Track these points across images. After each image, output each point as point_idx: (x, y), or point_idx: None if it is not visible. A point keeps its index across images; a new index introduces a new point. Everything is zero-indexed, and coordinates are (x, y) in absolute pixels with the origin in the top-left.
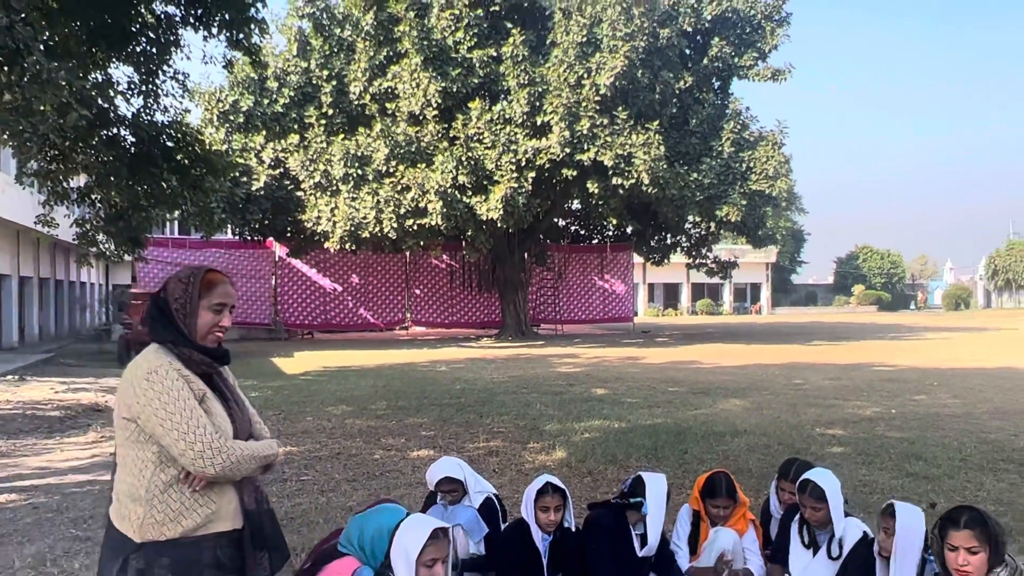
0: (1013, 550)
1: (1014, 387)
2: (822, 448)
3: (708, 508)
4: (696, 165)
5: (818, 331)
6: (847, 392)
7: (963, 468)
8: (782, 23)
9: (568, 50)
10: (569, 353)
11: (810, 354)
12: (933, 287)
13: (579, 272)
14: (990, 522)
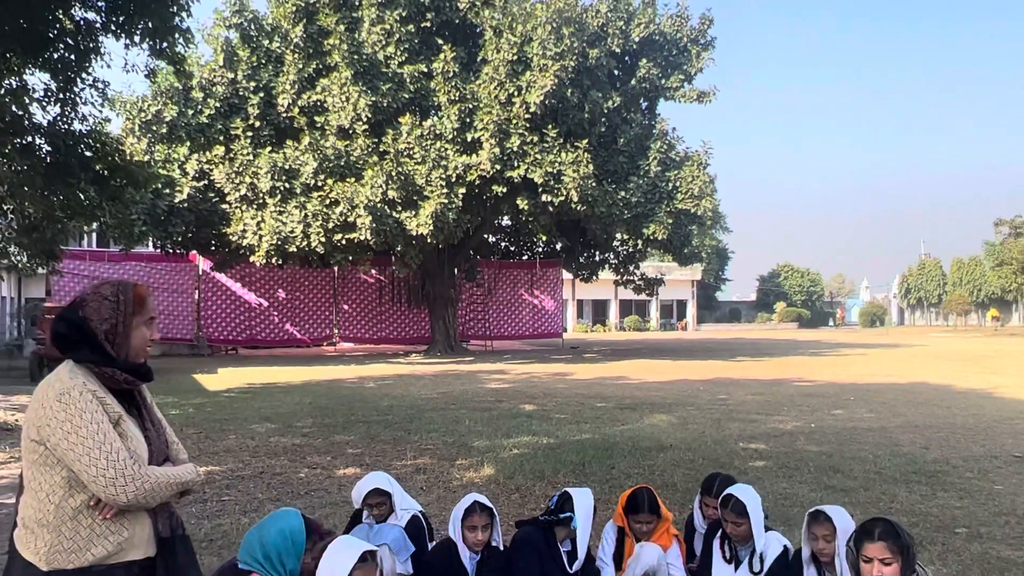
0: (924, 559)
1: (925, 401)
2: (745, 462)
3: (632, 524)
4: (624, 184)
5: (741, 347)
6: (769, 407)
7: (878, 480)
8: (707, 47)
9: (499, 68)
10: (498, 369)
11: (734, 370)
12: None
13: (509, 288)
14: (902, 534)
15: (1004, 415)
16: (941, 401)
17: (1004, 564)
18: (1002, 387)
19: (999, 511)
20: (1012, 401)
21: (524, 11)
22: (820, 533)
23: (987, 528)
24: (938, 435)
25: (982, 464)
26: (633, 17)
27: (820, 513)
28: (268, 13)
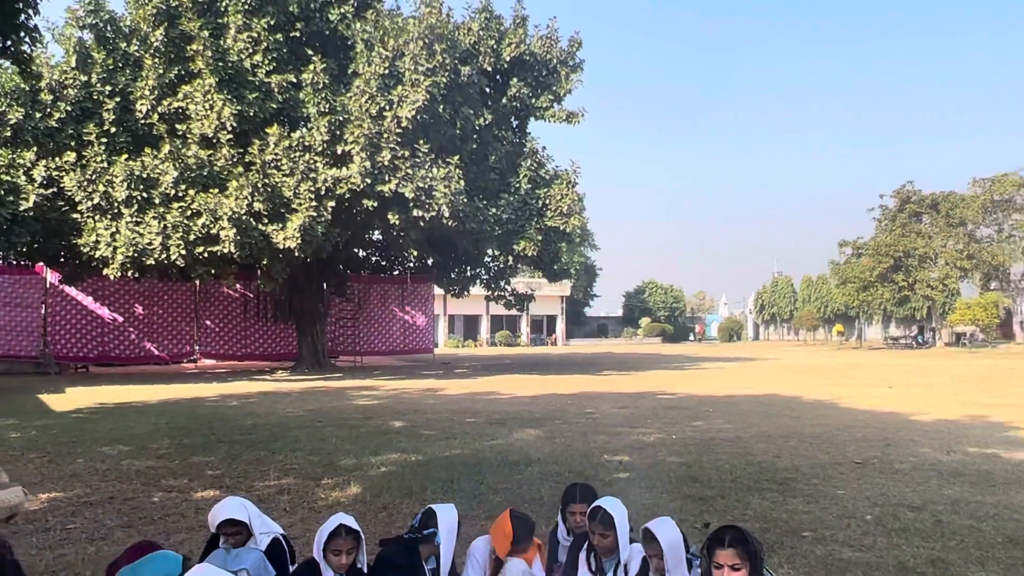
0: (773, 563)
1: (777, 412)
2: (609, 474)
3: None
4: (495, 200)
5: (608, 362)
6: (633, 419)
7: (733, 488)
8: (576, 69)
9: (370, 81)
10: (368, 385)
11: (601, 384)
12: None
13: (379, 303)
14: (751, 540)
15: (847, 424)
16: (791, 412)
17: (846, 565)
18: (845, 398)
19: (842, 514)
20: (854, 411)
21: (396, 25)
22: (649, 551)
23: (831, 531)
24: (788, 444)
25: (827, 471)
26: (504, 37)
27: (646, 531)
28: (126, 14)
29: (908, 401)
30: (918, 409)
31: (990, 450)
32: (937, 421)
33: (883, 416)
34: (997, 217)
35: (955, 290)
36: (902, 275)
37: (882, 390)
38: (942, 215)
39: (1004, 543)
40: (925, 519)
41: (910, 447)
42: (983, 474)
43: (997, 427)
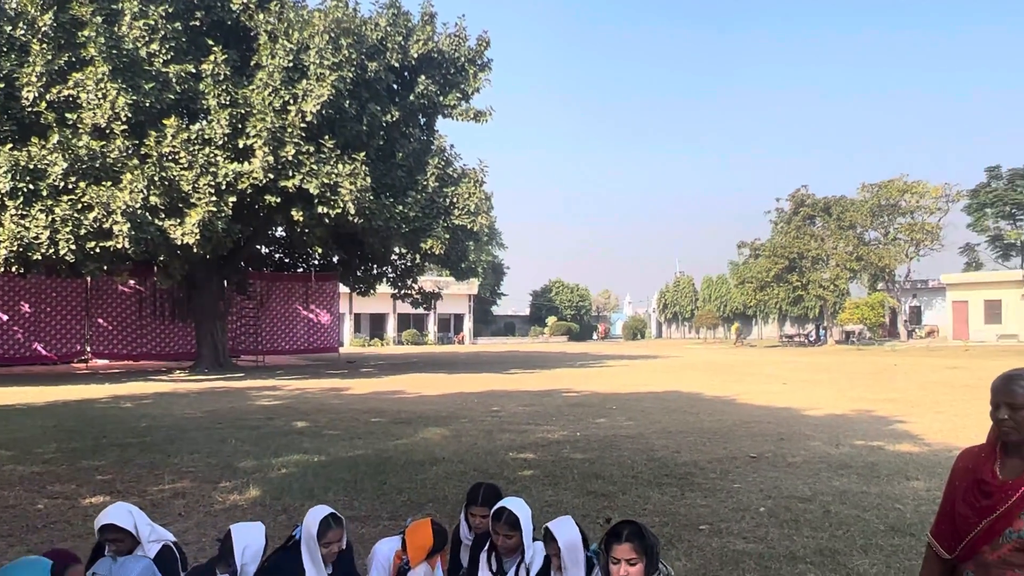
0: (671, 556)
1: (678, 408)
2: (514, 472)
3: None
4: (402, 198)
5: (515, 360)
6: (538, 417)
7: (635, 484)
8: (484, 68)
9: (273, 74)
10: (270, 385)
11: (507, 382)
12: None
13: (283, 301)
14: (647, 534)
15: (743, 419)
16: (691, 408)
17: (739, 556)
18: (743, 394)
19: (737, 507)
20: (750, 407)
21: (301, 18)
22: (550, 551)
23: (727, 524)
24: (688, 439)
25: (724, 465)
26: (412, 33)
27: (547, 531)
28: None
29: (801, 397)
30: (810, 404)
31: (875, 443)
32: (827, 416)
33: (777, 411)
34: (883, 221)
35: (845, 290)
36: (796, 275)
37: (777, 386)
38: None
39: (886, 531)
40: (815, 510)
41: (802, 441)
42: (869, 466)
43: (882, 421)
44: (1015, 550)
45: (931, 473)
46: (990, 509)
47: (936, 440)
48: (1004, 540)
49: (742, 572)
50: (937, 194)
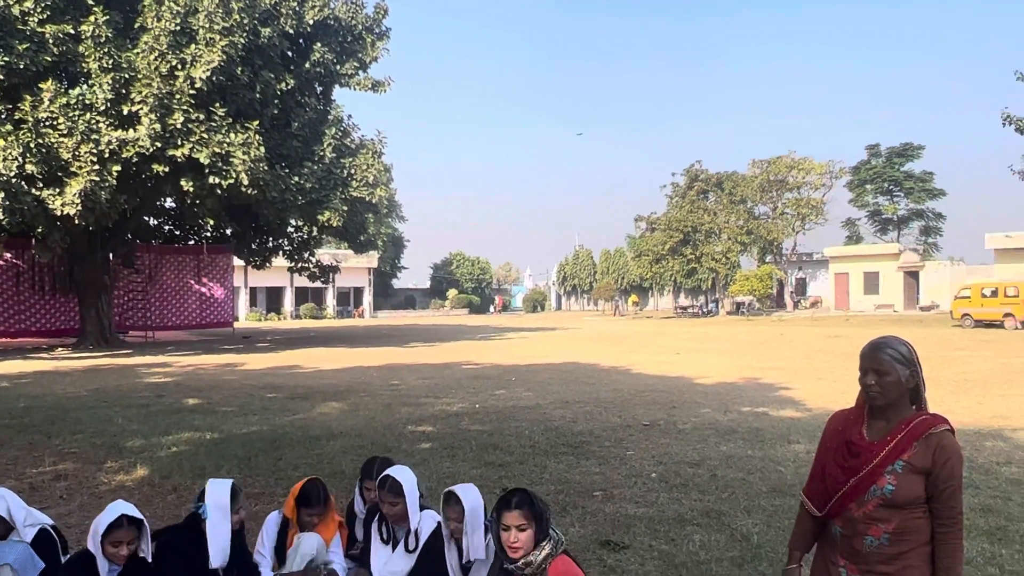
0: (565, 522)
1: (575, 379)
2: (412, 445)
3: (302, 516)
4: (298, 169)
5: (416, 333)
6: (438, 390)
7: (532, 454)
8: (382, 37)
9: (160, 37)
10: (160, 362)
11: (407, 356)
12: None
13: (173, 275)
14: (536, 501)
15: (638, 389)
16: (588, 378)
17: (630, 520)
18: (638, 364)
19: (630, 474)
20: (645, 376)
21: None
22: (449, 514)
23: (619, 490)
24: (584, 409)
25: (619, 433)
26: None
27: (450, 495)
28: None
29: (693, 366)
30: (701, 373)
31: (761, 409)
32: (717, 384)
33: (671, 380)
34: (772, 196)
35: (736, 263)
36: (690, 249)
37: (670, 356)
38: (726, 193)
39: (768, 492)
40: (703, 474)
41: (693, 408)
42: (754, 431)
43: (768, 388)
44: (879, 506)
45: (812, 437)
46: (857, 468)
47: (817, 405)
48: (869, 497)
49: (633, 536)
50: (822, 171)
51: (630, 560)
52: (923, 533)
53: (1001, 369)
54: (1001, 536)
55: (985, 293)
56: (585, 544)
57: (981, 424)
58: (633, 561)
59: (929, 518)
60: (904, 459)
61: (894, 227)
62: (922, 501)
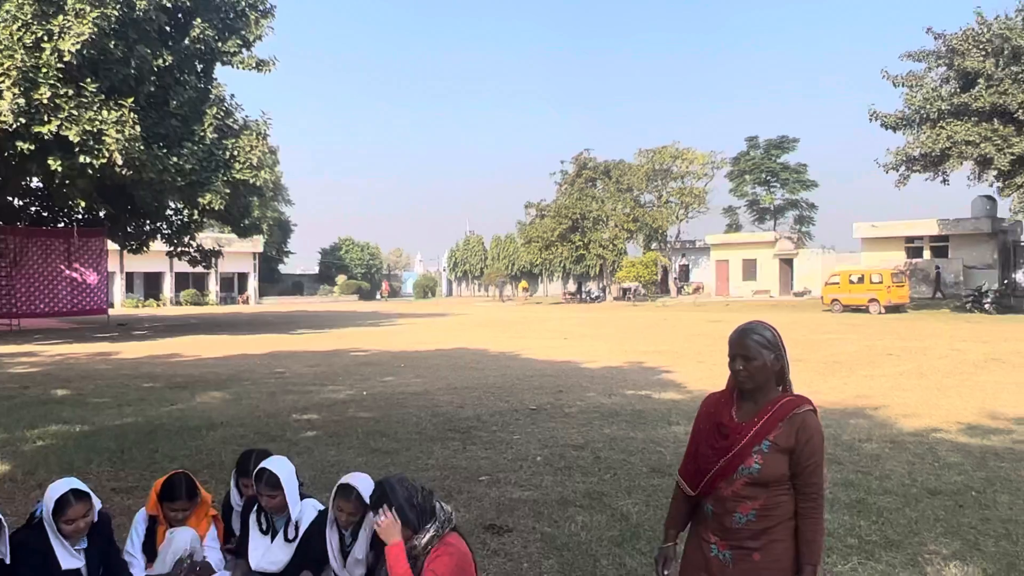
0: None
1: (464, 365)
2: (296, 434)
3: (167, 512)
4: (177, 149)
5: (303, 320)
6: (325, 378)
7: (419, 440)
8: (266, 14)
9: (23, 6)
10: (26, 351)
11: (294, 343)
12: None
13: (40, 259)
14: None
15: (526, 374)
16: (477, 364)
17: (515, 503)
18: (526, 349)
19: (516, 458)
20: (533, 361)
21: None
22: (341, 505)
23: (505, 474)
24: (472, 395)
25: (505, 418)
26: None
27: (347, 488)
28: None
29: (580, 351)
30: (588, 358)
31: (644, 392)
32: (603, 368)
33: (558, 365)
34: (657, 184)
35: (622, 249)
36: (579, 235)
37: (559, 341)
38: (613, 181)
39: (648, 473)
40: (586, 456)
41: (579, 392)
42: (637, 413)
43: (652, 371)
44: (747, 484)
45: (691, 418)
46: (727, 449)
47: (697, 388)
48: (738, 476)
49: (517, 519)
50: (704, 161)
51: (513, 543)
52: (788, 509)
53: (865, 351)
54: (861, 509)
55: (852, 279)
56: (469, 529)
57: (846, 403)
58: (516, 544)
59: (793, 494)
60: (770, 439)
61: (771, 216)
62: (787, 479)
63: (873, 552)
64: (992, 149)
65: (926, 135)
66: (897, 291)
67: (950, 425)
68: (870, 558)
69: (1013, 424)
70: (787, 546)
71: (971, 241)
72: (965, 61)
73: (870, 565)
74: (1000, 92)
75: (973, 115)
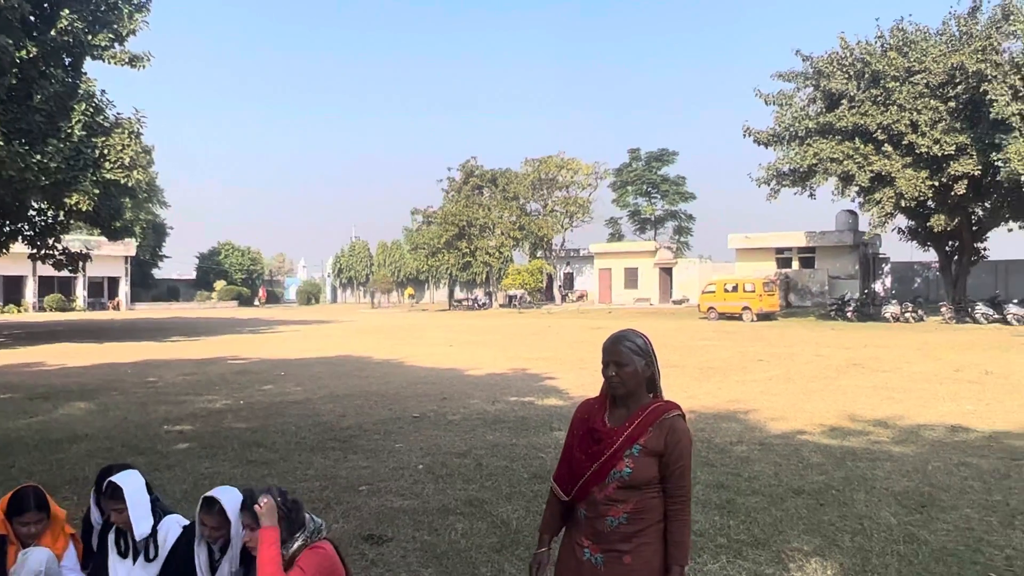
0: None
1: (347, 373)
2: (168, 446)
3: (17, 529)
4: (40, 146)
5: (178, 327)
6: (200, 387)
7: (298, 450)
8: (141, 8)
9: None
10: None
11: (167, 350)
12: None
13: None
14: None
15: (410, 381)
16: (360, 372)
17: (395, 513)
18: (411, 357)
19: (397, 466)
20: (418, 368)
21: None
22: (205, 520)
23: (385, 483)
24: (355, 403)
25: (388, 426)
26: None
27: (210, 501)
28: None
29: (465, 358)
30: (473, 365)
31: (527, 398)
32: (488, 375)
33: (442, 372)
34: (543, 193)
35: (509, 257)
36: (465, 243)
37: (444, 348)
38: (500, 189)
39: (530, 479)
40: (468, 464)
41: (463, 399)
42: (519, 420)
43: (535, 378)
44: (619, 488)
45: None
46: (600, 454)
47: (579, 393)
48: (610, 480)
49: (396, 528)
50: (588, 171)
51: (392, 553)
52: (657, 511)
53: (738, 357)
54: (730, 509)
55: (727, 288)
56: (347, 540)
57: (719, 408)
58: (395, 554)
59: (662, 497)
60: (640, 443)
61: (652, 226)
62: (657, 482)
63: (741, 551)
64: (854, 167)
65: (795, 152)
66: (768, 299)
67: (814, 427)
68: (738, 556)
69: (870, 426)
70: (657, 548)
71: (835, 253)
72: (830, 83)
73: (738, 563)
74: (861, 113)
75: (837, 134)
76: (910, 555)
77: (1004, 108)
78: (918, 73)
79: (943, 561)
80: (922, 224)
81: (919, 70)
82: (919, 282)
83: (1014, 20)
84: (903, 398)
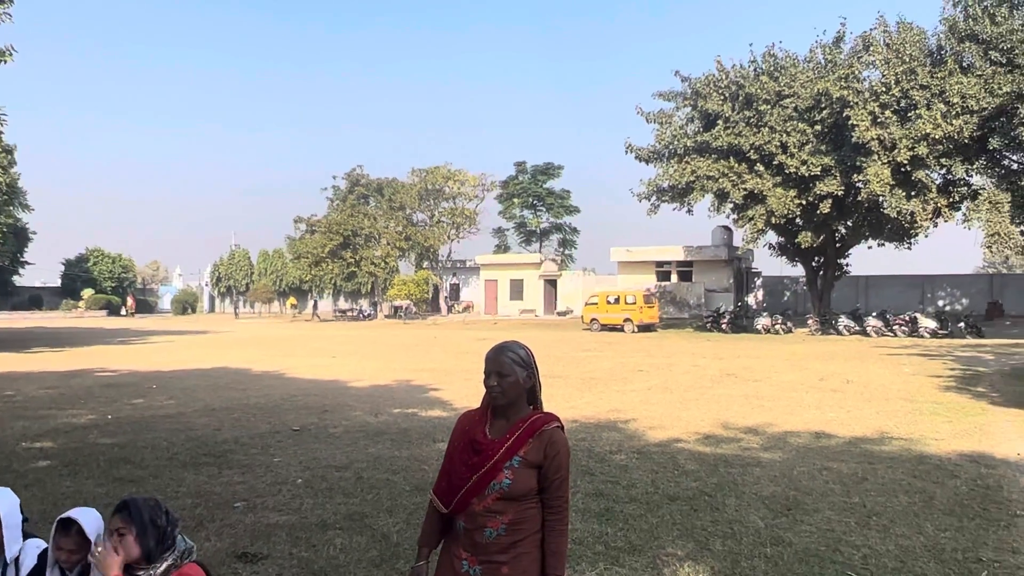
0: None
1: (224, 385)
2: (25, 464)
3: None
4: None
5: (41, 337)
6: (63, 401)
7: (169, 466)
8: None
9: None
10: None
11: (27, 362)
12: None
13: None
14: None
15: (291, 393)
16: (238, 384)
17: (272, 529)
18: (292, 368)
19: (275, 481)
20: (298, 380)
21: None
22: (61, 543)
23: (262, 498)
24: (231, 416)
25: (267, 440)
26: None
27: (67, 522)
28: None
29: (348, 369)
30: (356, 376)
31: (411, 410)
32: (371, 387)
33: (325, 384)
34: (430, 204)
35: (394, 267)
36: (350, 252)
37: (327, 360)
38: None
39: (411, 491)
40: (349, 477)
41: (345, 412)
42: (402, 432)
43: (419, 389)
44: (498, 499)
45: None
46: (479, 465)
47: (463, 404)
48: (489, 491)
49: (273, 545)
50: (475, 183)
51: (268, 570)
52: (535, 522)
53: (619, 368)
54: (608, 517)
55: (610, 300)
56: (220, 559)
57: (600, 417)
58: (271, 571)
59: (540, 508)
60: (520, 455)
61: (537, 239)
62: (535, 493)
63: (618, 557)
64: (729, 184)
65: (674, 168)
66: (648, 311)
67: (690, 435)
68: (615, 563)
69: (742, 433)
70: (534, 558)
71: (711, 267)
72: (707, 103)
73: (615, 570)
74: (736, 133)
75: (713, 153)
76: (776, 557)
77: (864, 133)
78: (788, 97)
79: (806, 562)
80: (791, 240)
81: (788, 94)
82: (788, 295)
83: (872, 51)
84: (772, 406)
